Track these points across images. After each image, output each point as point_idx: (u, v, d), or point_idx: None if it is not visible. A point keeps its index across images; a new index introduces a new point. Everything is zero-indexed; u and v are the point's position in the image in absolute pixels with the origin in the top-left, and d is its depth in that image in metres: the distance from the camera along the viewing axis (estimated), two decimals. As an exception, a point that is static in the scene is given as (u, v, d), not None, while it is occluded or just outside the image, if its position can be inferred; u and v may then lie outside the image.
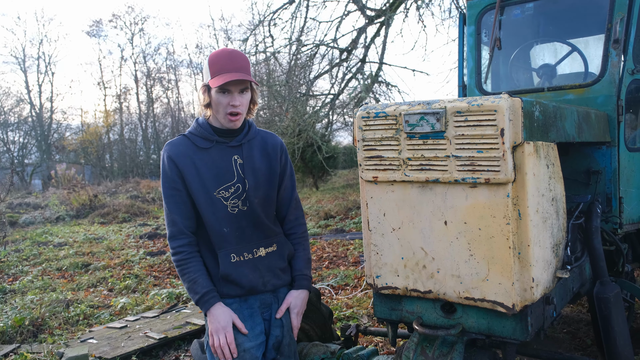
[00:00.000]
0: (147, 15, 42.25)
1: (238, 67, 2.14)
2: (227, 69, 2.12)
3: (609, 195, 2.98)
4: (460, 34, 3.81)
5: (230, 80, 2.09)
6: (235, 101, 2.16)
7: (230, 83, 2.13)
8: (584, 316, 4.21)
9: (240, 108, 2.19)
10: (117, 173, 28.71)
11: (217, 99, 2.17)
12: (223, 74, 2.11)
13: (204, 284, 2.19)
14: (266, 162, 2.33)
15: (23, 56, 31.76)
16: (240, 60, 2.17)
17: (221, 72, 2.12)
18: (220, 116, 2.21)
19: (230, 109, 2.17)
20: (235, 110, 2.17)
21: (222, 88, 2.14)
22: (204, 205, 2.21)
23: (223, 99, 2.16)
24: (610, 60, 3.00)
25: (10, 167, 21.21)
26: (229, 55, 2.17)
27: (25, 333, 4.70)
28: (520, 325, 1.98)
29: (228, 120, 2.20)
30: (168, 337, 4.35)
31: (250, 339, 2.19)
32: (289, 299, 2.35)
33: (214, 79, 2.12)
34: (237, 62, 2.15)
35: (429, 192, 2.03)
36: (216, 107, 2.20)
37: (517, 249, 1.91)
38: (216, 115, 2.24)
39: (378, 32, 10.76)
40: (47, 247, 9.48)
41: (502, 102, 1.83)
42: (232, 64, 2.14)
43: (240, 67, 2.15)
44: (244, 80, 2.16)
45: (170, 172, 2.21)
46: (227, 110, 2.17)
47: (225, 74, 2.11)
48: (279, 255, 2.36)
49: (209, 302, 2.18)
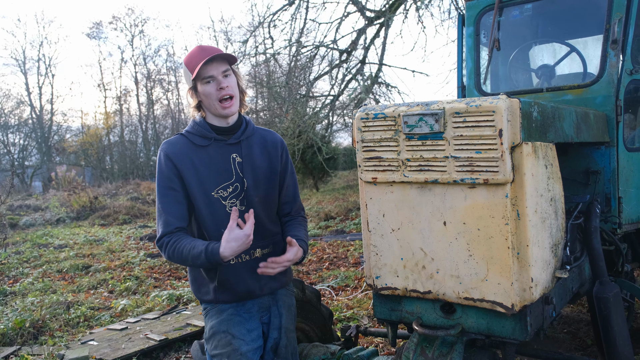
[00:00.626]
0: (147, 17, 42.30)
1: (211, 52, 2.13)
2: (202, 58, 2.11)
3: (608, 195, 2.98)
4: (459, 35, 3.82)
5: (207, 60, 2.08)
6: (222, 83, 2.13)
7: (210, 67, 2.11)
8: (584, 316, 4.21)
9: (230, 90, 2.16)
10: (117, 175, 28.71)
11: (205, 91, 2.15)
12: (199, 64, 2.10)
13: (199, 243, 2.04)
14: (266, 160, 2.30)
15: (23, 58, 31.79)
16: (211, 48, 2.17)
17: (197, 64, 2.11)
18: (213, 107, 2.17)
19: (220, 94, 2.14)
20: (225, 92, 2.14)
21: (205, 77, 2.12)
22: (203, 206, 2.17)
23: (210, 88, 2.14)
24: (609, 61, 3.00)
25: (11, 169, 21.22)
26: (199, 48, 2.17)
27: (26, 335, 4.70)
28: (520, 325, 1.99)
29: (222, 108, 2.16)
30: (168, 339, 4.35)
31: (247, 342, 2.18)
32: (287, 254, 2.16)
33: (195, 72, 2.11)
34: (209, 50, 2.15)
35: (428, 193, 2.04)
36: (207, 101, 2.17)
37: (516, 249, 1.92)
38: (209, 110, 2.21)
39: (378, 33, 10.77)
40: (48, 249, 9.48)
41: (500, 102, 1.84)
42: (205, 53, 2.13)
43: (214, 51, 2.14)
44: (224, 62, 2.14)
45: (167, 171, 2.15)
46: (218, 96, 2.14)
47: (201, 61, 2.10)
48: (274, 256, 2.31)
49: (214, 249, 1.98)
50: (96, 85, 40.48)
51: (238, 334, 2.19)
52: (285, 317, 2.35)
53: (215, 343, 2.20)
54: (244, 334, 2.19)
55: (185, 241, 2.07)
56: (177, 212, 2.14)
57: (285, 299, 2.39)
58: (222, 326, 2.20)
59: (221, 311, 2.24)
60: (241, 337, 2.18)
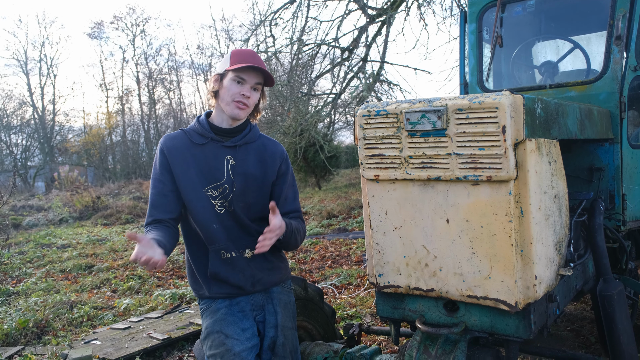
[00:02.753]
0: (148, 17, 42.09)
1: (259, 62, 2.19)
2: (248, 61, 2.16)
3: (612, 192, 2.97)
4: (461, 32, 3.80)
5: (250, 65, 2.13)
6: (246, 92, 2.17)
7: (249, 73, 2.16)
8: (588, 314, 4.20)
9: (249, 101, 2.20)
10: (119, 174, 28.75)
11: (229, 86, 2.17)
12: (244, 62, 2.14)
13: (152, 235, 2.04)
14: (261, 169, 2.29)
15: (25, 59, 31.83)
16: (262, 62, 2.23)
17: (242, 61, 2.15)
18: (226, 104, 2.19)
19: (240, 97, 2.17)
20: (244, 100, 2.18)
21: (239, 76, 2.16)
22: (194, 201, 2.19)
23: (235, 87, 2.17)
24: (613, 57, 2.98)
25: (14, 170, 21.27)
26: (253, 53, 2.23)
27: (30, 335, 4.71)
28: (523, 323, 1.98)
29: (234, 107, 2.18)
30: (171, 338, 4.35)
31: (241, 342, 2.17)
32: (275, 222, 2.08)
33: (233, 64, 2.15)
34: (258, 60, 2.21)
35: (431, 190, 2.02)
36: (225, 95, 2.19)
37: (519, 246, 1.91)
38: (222, 105, 2.22)
39: (379, 31, 10.75)
40: (51, 249, 9.50)
41: (503, 99, 1.82)
42: (254, 59, 2.19)
43: (261, 63, 2.20)
44: (259, 77, 2.19)
45: (159, 165, 2.22)
46: (235, 98, 2.17)
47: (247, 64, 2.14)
48: (263, 257, 2.29)
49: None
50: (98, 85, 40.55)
51: (232, 334, 2.18)
52: (282, 315, 2.33)
53: (210, 343, 2.20)
54: (237, 334, 2.19)
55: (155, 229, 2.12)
56: (160, 204, 2.19)
57: (281, 296, 2.37)
58: (215, 326, 2.20)
59: (215, 311, 2.24)
60: (235, 337, 2.17)
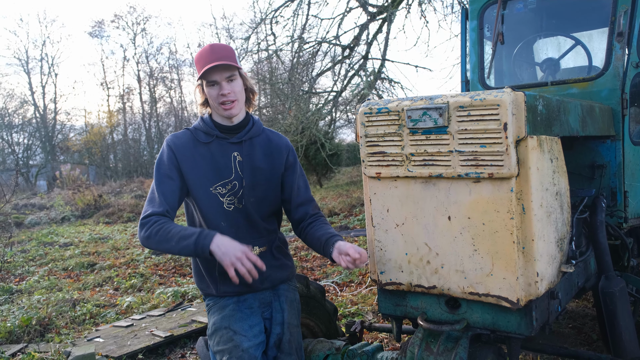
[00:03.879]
0: (148, 15, 42.31)
1: (219, 57, 2.15)
2: (209, 60, 2.14)
3: (614, 189, 2.97)
4: (462, 29, 3.79)
5: (211, 67, 2.11)
6: (224, 90, 2.16)
7: (214, 73, 2.14)
8: (590, 311, 4.20)
9: (231, 95, 2.18)
10: (121, 173, 28.79)
11: (208, 93, 2.20)
12: (205, 66, 2.13)
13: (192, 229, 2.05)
14: (268, 162, 2.31)
15: (26, 58, 31.86)
16: (221, 50, 2.18)
17: (205, 64, 2.14)
18: (215, 109, 2.23)
19: (221, 99, 2.18)
20: (225, 99, 2.17)
21: (209, 80, 2.16)
22: (202, 199, 2.21)
23: (212, 91, 2.18)
24: (614, 54, 2.98)
25: (16, 169, 21.29)
26: (210, 48, 2.19)
27: (33, 333, 4.73)
28: (525, 320, 1.98)
29: (222, 110, 2.20)
30: (174, 335, 4.36)
31: (249, 338, 2.19)
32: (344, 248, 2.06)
33: (201, 73, 2.15)
34: (218, 52, 2.17)
35: (433, 188, 2.03)
36: (210, 101, 2.22)
37: (521, 243, 1.91)
38: (212, 109, 2.26)
39: (380, 28, 10.74)
40: (53, 248, 9.52)
41: (505, 96, 1.82)
42: (214, 55, 2.15)
43: (222, 56, 2.15)
44: (229, 68, 2.16)
45: (168, 161, 2.20)
46: (218, 100, 2.18)
47: (207, 65, 2.13)
48: (270, 253, 2.34)
49: (209, 235, 2.00)
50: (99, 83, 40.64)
51: (240, 330, 2.19)
52: (288, 313, 2.35)
53: (218, 339, 2.21)
54: (245, 330, 2.20)
55: (176, 225, 2.06)
56: (169, 199, 2.16)
57: (288, 294, 2.39)
58: (224, 322, 2.21)
59: (223, 307, 2.25)
60: (243, 333, 2.19)
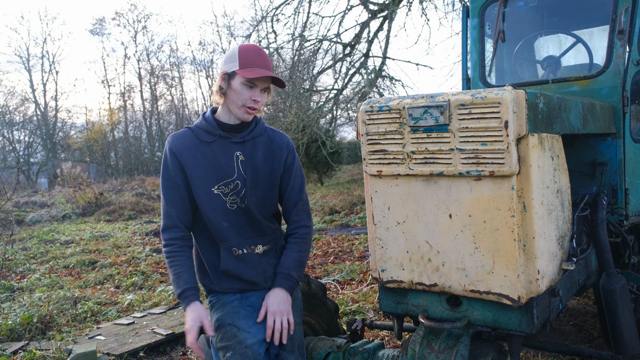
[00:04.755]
0: (149, 13, 42.29)
1: (267, 66, 2.18)
2: (258, 64, 2.15)
3: (615, 186, 2.97)
4: (463, 27, 3.79)
5: (264, 76, 2.13)
6: (258, 97, 2.18)
7: (261, 78, 2.16)
8: (590, 308, 4.20)
9: (259, 104, 2.22)
10: (122, 171, 28.79)
11: (240, 90, 2.17)
12: (256, 68, 2.13)
13: (187, 279, 2.18)
14: (269, 162, 2.32)
15: (27, 55, 31.84)
16: (269, 60, 2.22)
17: (253, 65, 2.14)
18: (236, 107, 2.21)
19: (250, 103, 2.18)
20: (253, 105, 2.19)
21: (251, 81, 2.16)
22: (204, 199, 2.21)
23: (246, 92, 2.17)
24: (615, 51, 2.98)
25: (17, 166, 21.31)
26: (260, 52, 2.21)
27: (34, 330, 4.73)
28: (526, 317, 1.98)
29: (244, 112, 2.20)
30: (175, 333, 4.37)
31: (252, 335, 2.19)
32: (267, 302, 2.21)
33: (244, 69, 2.13)
34: (267, 60, 2.20)
35: (434, 186, 2.03)
36: (235, 97, 2.19)
37: (522, 241, 1.91)
38: (230, 106, 2.23)
39: (381, 26, 10.73)
40: (54, 245, 9.53)
41: (506, 94, 1.82)
42: (264, 61, 2.18)
43: (268, 67, 2.19)
44: (268, 81, 2.20)
45: (172, 165, 2.22)
46: (246, 103, 2.18)
47: (258, 68, 2.13)
48: (274, 252, 2.36)
49: (188, 299, 2.16)
50: (100, 81, 40.58)
51: (244, 327, 2.20)
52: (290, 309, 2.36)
53: (221, 335, 2.22)
54: (249, 326, 2.21)
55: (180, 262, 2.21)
56: (179, 205, 2.23)
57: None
58: (227, 319, 2.21)
59: (226, 304, 2.27)
60: (247, 330, 2.19)
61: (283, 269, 2.31)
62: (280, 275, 2.29)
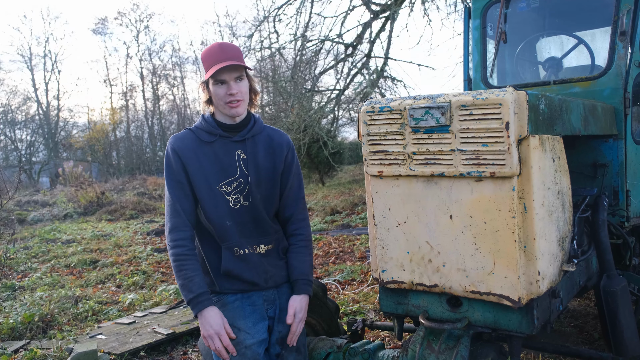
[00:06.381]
0: (152, 13, 42.23)
1: (229, 57, 2.16)
2: (218, 59, 2.15)
3: (616, 188, 2.96)
4: (465, 27, 3.79)
5: (222, 67, 2.12)
6: (232, 90, 2.18)
7: (224, 72, 2.15)
8: (591, 310, 4.20)
9: (238, 95, 2.20)
10: (124, 170, 28.82)
11: (215, 91, 2.20)
12: (215, 65, 2.14)
13: (201, 284, 2.16)
14: (270, 160, 2.33)
15: (29, 54, 31.93)
16: (231, 50, 2.20)
17: (214, 63, 2.15)
18: (221, 107, 2.23)
19: (228, 98, 2.19)
20: (233, 98, 2.19)
21: (217, 79, 2.17)
22: (206, 199, 2.22)
23: (220, 90, 2.19)
24: (617, 53, 2.97)
25: (19, 165, 21.35)
26: (219, 47, 2.20)
27: (35, 329, 4.74)
28: (526, 318, 1.98)
29: (229, 108, 2.21)
30: (176, 333, 4.38)
31: (252, 335, 2.20)
32: (295, 305, 2.28)
33: (209, 71, 2.15)
34: (228, 52, 2.18)
35: (434, 186, 2.03)
36: (216, 100, 2.22)
37: (522, 242, 1.91)
38: (217, 107, 2.26)
39: (383, 26, 10.73)
40: (56, 244, 9.55)
41: (507, 95, 1.83)
42: (224, 55, 2.17)
43: (231, 56, 2.17)
44: (238, 68, 2.18)
45: (175, 165, 2.23)
46: (225, 100, 2.19)
47: (217, 64, 2.14)
48: (277, 252, 2.37)
49: (203, 304, 2.13)
50: (102, 81, 40.70)
51: (243, 327, 2.21)
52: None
53: None
54: (249, 327, 2.21)
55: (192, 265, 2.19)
56: (186, 204, 2.23)
57: (291, 292, 2.40)
58: (227, 319, 2.22)
59: (226, 304, 2.27)
60: (246, 330, 2.20)
61: (302, 275, 2.35)
62: (302, 282, 2.33)
